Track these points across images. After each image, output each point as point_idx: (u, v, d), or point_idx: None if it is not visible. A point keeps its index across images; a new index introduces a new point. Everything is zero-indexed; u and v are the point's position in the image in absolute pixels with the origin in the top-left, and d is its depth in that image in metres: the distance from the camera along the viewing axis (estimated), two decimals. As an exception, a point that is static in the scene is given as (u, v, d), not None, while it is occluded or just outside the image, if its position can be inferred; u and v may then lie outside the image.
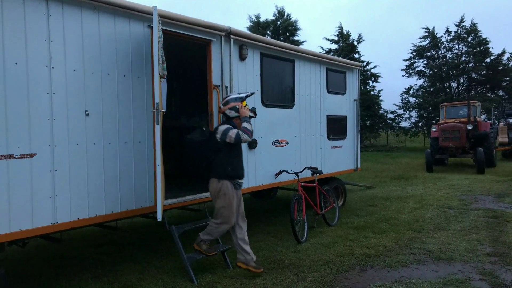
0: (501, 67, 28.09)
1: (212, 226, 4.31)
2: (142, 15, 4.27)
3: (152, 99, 4.37)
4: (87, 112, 3.84)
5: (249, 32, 5.84)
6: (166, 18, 4.45)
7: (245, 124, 4.19)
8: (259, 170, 5.86)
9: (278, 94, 6.34)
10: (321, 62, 7.16)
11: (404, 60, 31.07)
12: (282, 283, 4.10)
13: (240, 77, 5.54)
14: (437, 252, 4.97)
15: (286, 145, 6.35)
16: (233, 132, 4.12)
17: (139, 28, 4.30)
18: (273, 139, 6.12)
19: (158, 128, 3.91)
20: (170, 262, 4.81)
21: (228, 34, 5.24)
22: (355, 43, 29.06)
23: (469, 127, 14.27)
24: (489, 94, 28.19)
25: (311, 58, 6.89)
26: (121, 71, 4.13)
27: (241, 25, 32.67)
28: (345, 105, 7.86)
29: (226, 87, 5.25)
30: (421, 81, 31.36)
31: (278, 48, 6.13)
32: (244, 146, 5.61)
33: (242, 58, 5.54)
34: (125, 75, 4.16)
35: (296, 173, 5.95)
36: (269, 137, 6.07)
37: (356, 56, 28.73)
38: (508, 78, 28.43)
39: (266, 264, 4.65)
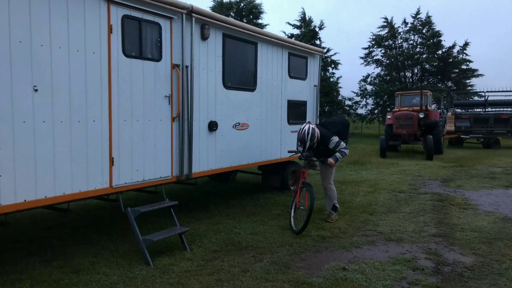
0: (451, 60, 29.59)
1: (331, 191, 5.85)
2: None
3: (108, 77, 4.17)
4: (35, 88, 3.59)
5: (211, 12, 5.68)
6: (123, -9, 4.22)
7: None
8: (219, 153, 5.81)
9: (240, 76, 6.27)
10: (283, 46, 7.15)
11: (363, 48, 31.87)
12: (240, 264, 4.14)
13: (201, 58, 5.40)
14: (388, 234, 5.23)
15: (247, 129, 6.34)
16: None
17: (95, 1, 4.04)
18: (234, 122, 6.07)
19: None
20: (125, 245, 4.69)
21: (190, 12, 5.07)
22: (317, 29, 29.30)
23: (421, 115, 14.92)
24: (439, 85, 29.66)
25: (274, 42, 6.85)
26: (74, 45, 3.87)
27: (204, 5, 31.81)
28: (306, 90, 7.94)
29: (187, 67, 5.11)
30: (378, 70, 32.41)
31: (241, 30, 6.03)
32: (205, 128, 5.54)
33: (204, 38, 5.40)
34: (78, 49, 3.92)
35: (306, 157, 5.80)
36: (230, 120, 6.01)
37: (318, 42, 29.01)
38: (457, 70, 30.04)
39: (224, 246, 4.67)
